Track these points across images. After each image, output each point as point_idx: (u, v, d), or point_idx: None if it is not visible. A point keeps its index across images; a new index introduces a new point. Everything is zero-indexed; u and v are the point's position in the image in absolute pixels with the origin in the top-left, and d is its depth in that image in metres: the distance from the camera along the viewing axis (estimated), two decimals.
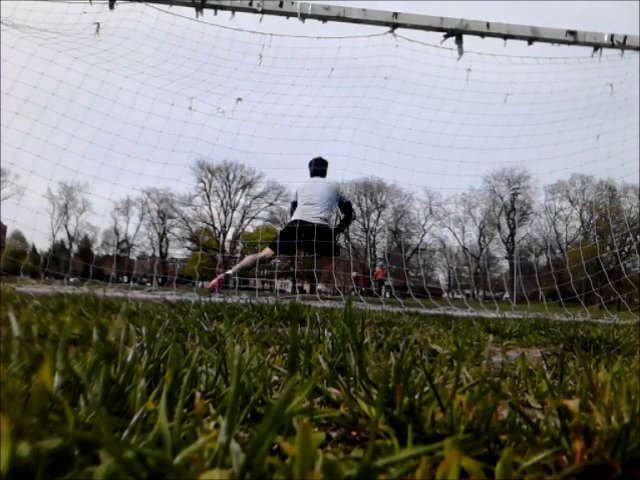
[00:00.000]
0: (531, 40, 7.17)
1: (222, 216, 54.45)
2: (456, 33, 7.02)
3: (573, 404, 0.70)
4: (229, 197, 54.91)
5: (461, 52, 7.07)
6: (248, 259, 7.81)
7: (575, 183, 49.32)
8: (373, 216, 56.44)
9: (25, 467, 0.45)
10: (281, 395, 0.50)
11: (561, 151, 8.51)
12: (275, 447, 0.61)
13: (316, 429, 0.79)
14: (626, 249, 38.53)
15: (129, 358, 0.80)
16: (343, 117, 8.39)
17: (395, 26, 7.05)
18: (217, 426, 0.65)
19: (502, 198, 53.28)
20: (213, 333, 1.67)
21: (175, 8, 7.09)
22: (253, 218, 56.36)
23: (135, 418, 0.59)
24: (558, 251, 49.85)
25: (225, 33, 7.37)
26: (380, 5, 7.40)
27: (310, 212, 7.60)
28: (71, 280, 8.76)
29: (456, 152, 8.62)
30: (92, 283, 7.89)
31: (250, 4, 6.88)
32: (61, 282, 8.00)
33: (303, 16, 6.93)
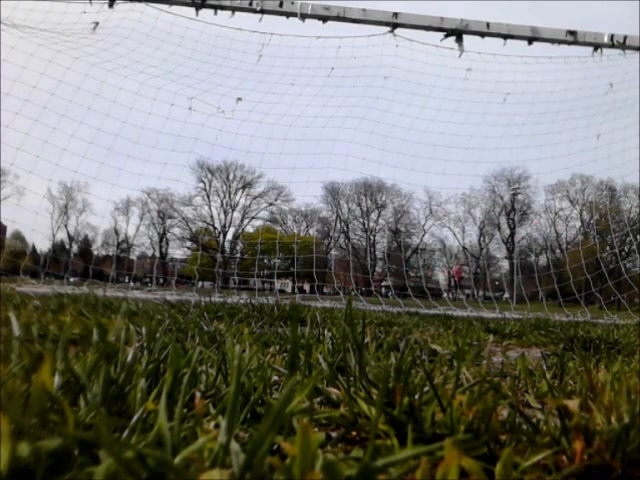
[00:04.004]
0: (531, 40, 7.17)
1: (222, 216, 54.41)
2: (456, 33, 7.02)
3: (573, 404, 0.70)
4: (229, 197, 54.85)
5: (461, 51, 7.07)
6: None
7: (575, 183, 49.27)
8: (373, 216, 56.41)
9: (25, 467, 0.45)
10: (281, 395, 0.50)
11: (561, 151, 8.53)
12: (275, 447, 0.61)
13: (316, 429, 0.79)
14: (626, 249, 38.51)
15: (129, 358, 0.80)
16: (343, 117, 8.42)
17: (395, 26, 7.05)
18: (217, 426, 0.65)
19: (502, 198, 53.23)
20: (213, 333, 1.68)
21: (175, 8, 7.09)
22: (253, 218, 56.32)
23: (135, 418, 0.59)
24: (558, 251, 49.82)
25: (225, 33, 7.38)
26: (380, 5, 7.40)
27: None
28: (71, 280, 8.76)
29: (456, 152, 8.65)
30: (92, 283, 7.89)
31: (250, 4, 6.88)
32: (61, 282, 8.00)
33: (303, 16, 6.92)
